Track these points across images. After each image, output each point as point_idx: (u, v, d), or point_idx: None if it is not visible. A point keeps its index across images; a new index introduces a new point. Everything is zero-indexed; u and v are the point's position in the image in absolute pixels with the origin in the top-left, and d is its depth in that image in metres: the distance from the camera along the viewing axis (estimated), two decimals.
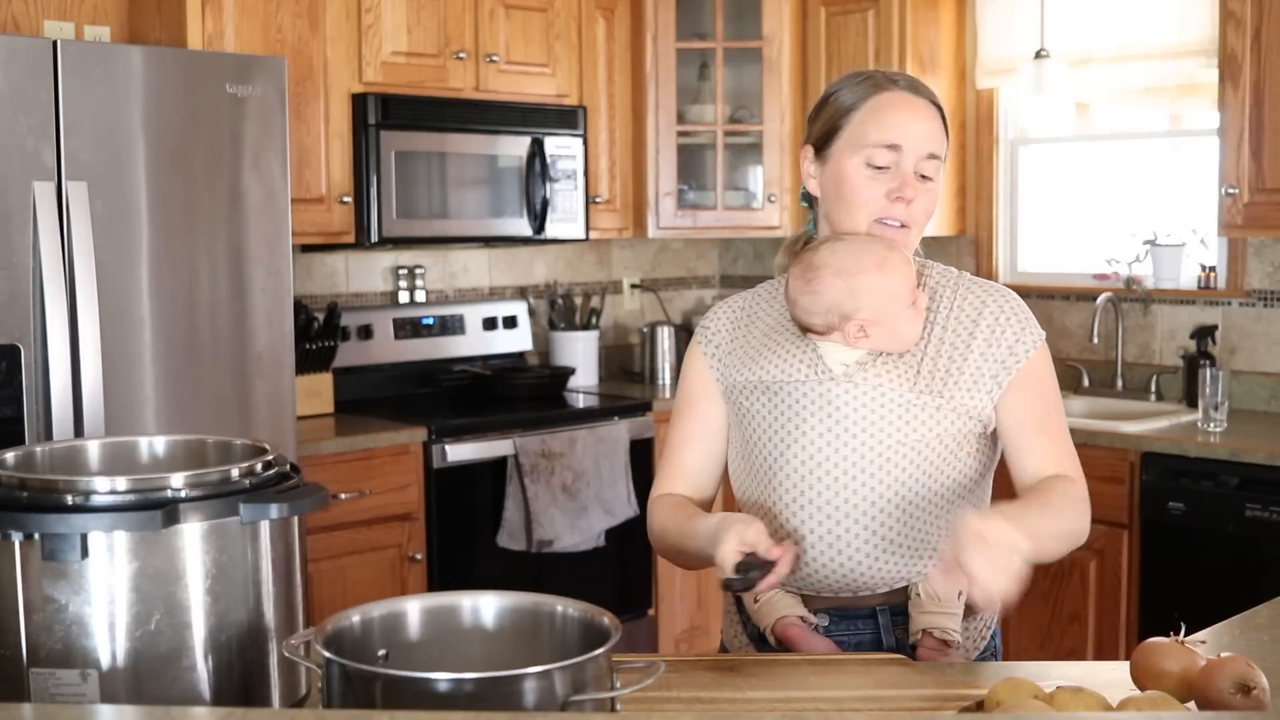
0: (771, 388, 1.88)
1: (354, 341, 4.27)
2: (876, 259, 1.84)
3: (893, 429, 1.83)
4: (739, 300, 2.04)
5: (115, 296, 3.08)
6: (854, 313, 1.83)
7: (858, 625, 1.89)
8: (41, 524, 1.38)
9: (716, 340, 1.99)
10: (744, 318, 2.00)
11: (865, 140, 1.88)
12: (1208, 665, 1.45)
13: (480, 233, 4.17)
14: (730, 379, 1.94)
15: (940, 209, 4.63)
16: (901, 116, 1.88)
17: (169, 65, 3.17)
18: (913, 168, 1.87)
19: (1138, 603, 3.69)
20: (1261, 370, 4.09)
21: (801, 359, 1.87)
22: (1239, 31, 3.70)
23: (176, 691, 1.42)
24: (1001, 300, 1.92)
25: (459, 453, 3.89)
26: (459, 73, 4.12)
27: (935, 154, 1.89)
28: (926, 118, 1.89)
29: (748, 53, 4.71)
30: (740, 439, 1.95)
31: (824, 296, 1.84)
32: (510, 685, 1.26)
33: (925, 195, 1.89)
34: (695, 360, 2.01)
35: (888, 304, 1.83)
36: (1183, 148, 4.39)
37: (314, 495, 1.50)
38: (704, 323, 2.03)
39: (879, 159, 1.87)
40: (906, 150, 1.86)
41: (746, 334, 1.97)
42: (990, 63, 4.60)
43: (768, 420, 1.89)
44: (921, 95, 1.91)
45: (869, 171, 1.87)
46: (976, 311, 1.91)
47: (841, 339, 1.85)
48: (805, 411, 1.86)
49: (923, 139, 1.87)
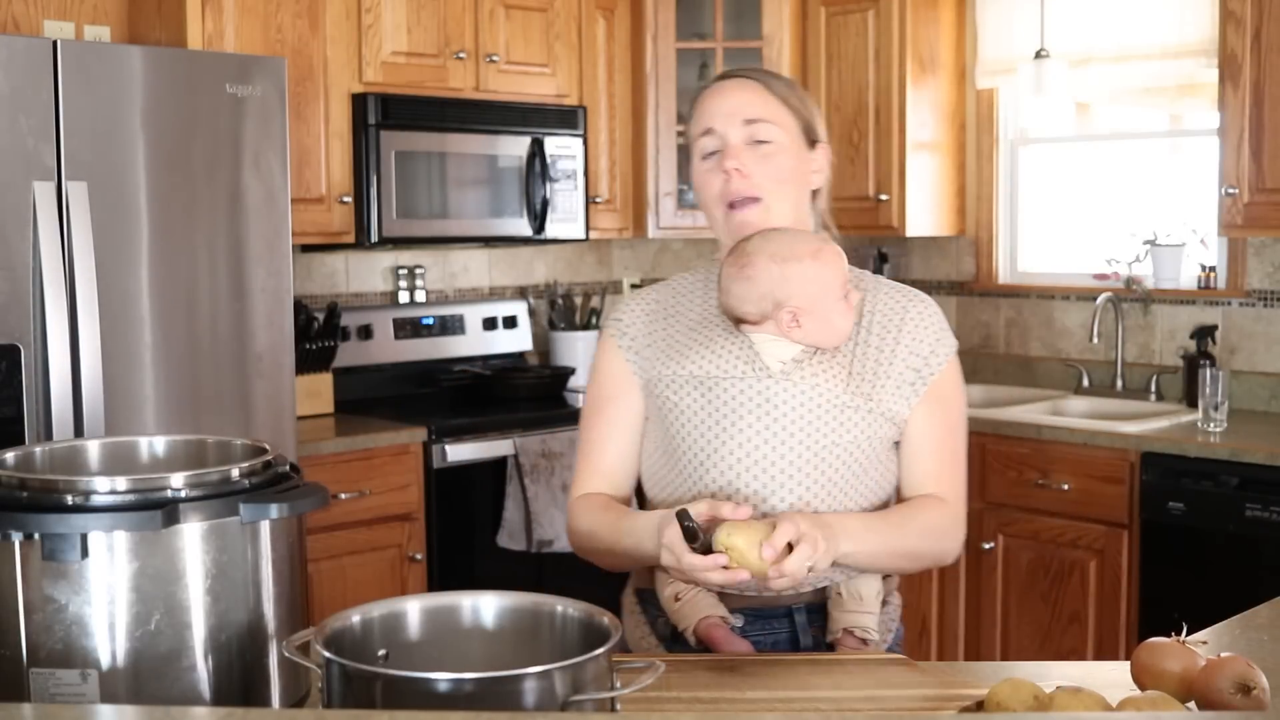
0: (705, 382, 1.85)
1: (354, 341, 4.28)
2: (811, 248, 1.86)
3: (827, 429, 1.83)
4: (652, 293, 2.01)
5: (115, 296, 3.08)
6: (787, 299, 1.83)
7: (773, 625, 1.89)
8: (41, 524, 1.38)
9: (632, 333, 1.96)
10: (661, 310, 1.97)
11: (693, 139, 1.94)
12: (1208, 665, 1.45)
13: (480, 233, 4.17)
14: (652, 372, 1.91)
15: (940, 209, 4.64)
16: (710, 102, 1.93)
17: (169, 65, 3.17)
18: (736, 139, 1.89)
19: (1138, 603, 3.69)
20: (1261, 370, 4.09)
21: (737, 354, 1.86)
22: (1239, 31, 3.70)
23: (176, 691, 1.42)
24: (922, 306, 1.94)
25: (459, 453, 3.89)
26: (459, 73, 4.12)
27: (756, 118, 1.90)
28: (736, 91, 1.92)
29: (748, 53, 4.71)
30: (662, 434, 1.90)
31: (758, 283, 1.83)
32: (510, 685, 1.26)
33: (764, 160, 1.89)
34: (609, 354, 1.97)
35: (821, 294, 1.84)
36: (1183, 148, 4.39)
37: (314, 495, 1.50)
38: (616, 315, 1.99)
39: (706, 148, 1.92)
40: (720, 128, 1.90)
41: (667, 327, 1.94)
42: (990, 63, 4.60)
43: (699, 415, 1.85)
44: (735, 76, 1.95)
45: (705, 164, 1.92)
46: (900, 315, 1.92)
47: (775, 328, 1.85)
48: (742, 408, 1.83)
49: (733, 110, 1.90)
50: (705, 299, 1.97)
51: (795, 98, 1.94)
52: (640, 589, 1.97)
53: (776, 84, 1.94)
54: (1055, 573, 3.84)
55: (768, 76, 1.95)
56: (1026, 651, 3.89)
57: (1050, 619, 3.87)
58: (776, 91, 1.92)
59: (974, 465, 4.00)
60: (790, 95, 1.94)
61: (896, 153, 4.50)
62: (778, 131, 1.90)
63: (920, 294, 1.97)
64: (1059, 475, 3.81)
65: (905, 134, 4.49)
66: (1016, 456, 3.91)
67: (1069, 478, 3.80)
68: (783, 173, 1.90)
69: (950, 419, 1.92)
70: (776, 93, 1.92)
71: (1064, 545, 3.82)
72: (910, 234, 4.54)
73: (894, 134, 4.50)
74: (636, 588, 1.99)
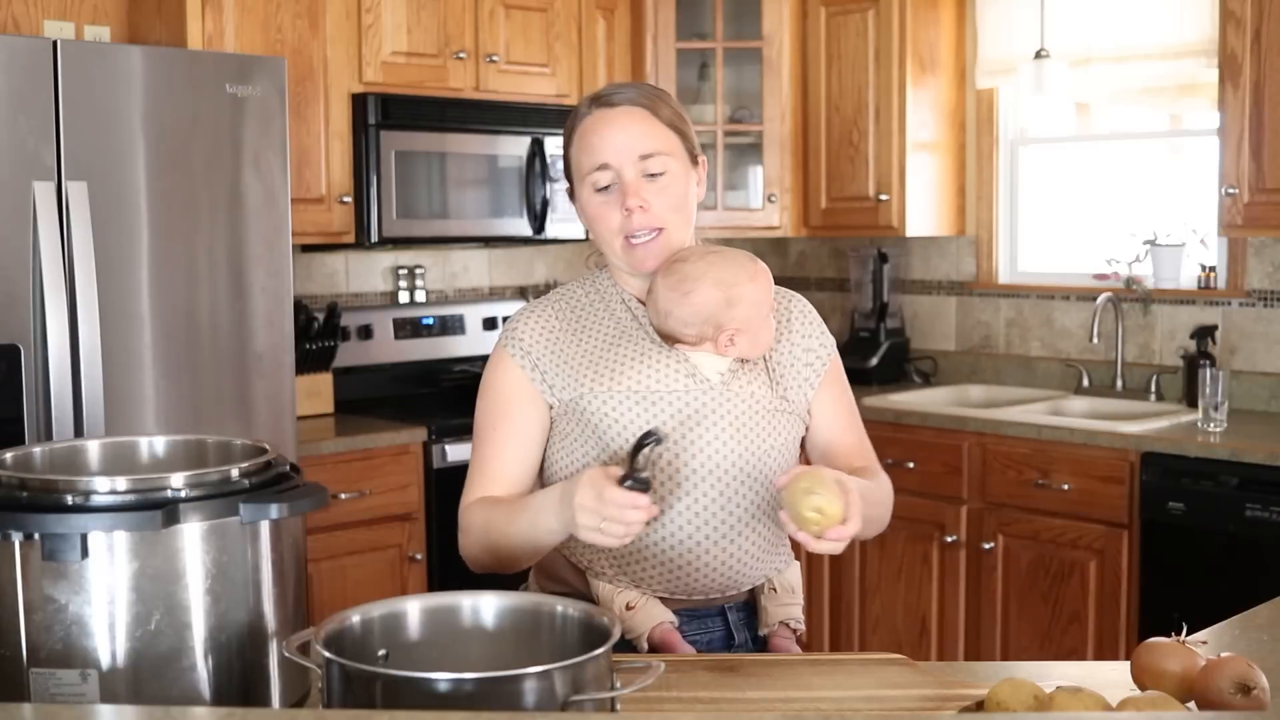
0: (648, 396, 1.86)
1: (354, 341, 4.28)
2: (749, 271, 1.90)
3: (763, 434, 1.91)
4: (547, 308, 1.97)
5: (115, 296, 3.08)
6: (728, 323, 1.87)
7: (708, 624, 1.93)
8: (41, 524, 1.38)
9: (535, 353, 1.91)
10: (564, 326, 1.94)
11: (582, 171, 1.92)
12: (1208, 665, 1.45)
13: (480, 233, 4.17)
14: (573, 391, 1.88)
15: (940, 209, 4.64)
16: (598, 135, 1.91)
17: (169, 65, 3.17)
18: (633, 175, 1.89)
19: (1138, 603, 3.69)
20: (1261, 370, 4.09)
21: (675, 368, 1.89)
22: (1239, 31, 3.70)
23: (176, 691, 1.42)
24: (800, 304, 2.04)
25: (459, 453, 3.89)
26: (459, 73, 4.12)
27: (650, 152, 1.89)
28: (625, 123, 1.90)
29: (748, 53, 4.71)
30: (596, 448, 1.89)
31: (701, 307, 1.86)
32: (510, 685, 1.27)
33: (661, 193, 1.90)
34: (507, 370, 1.93)
35: (755, 313, 1.89)
36: (1183, 148, 4.39)
37: (314, 495, 1.50)
38: (513, 334, 1.94)
39: (600, 182, 1.91)
40: (615, 163, 1.89)
41: (579, 343, 1.92)
42: (990, 63, 4.60)
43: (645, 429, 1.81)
44: (618, 104, 1.91)
45: (599, 197, 1.91)
46: (786, 314, 2.00)
47: (711, 347, 1.89)
48: (691, 420, 1.87)
49: (626, 145, 1.89)
50: (610, 313, 1.96)
51: (678, 118, 1.94)
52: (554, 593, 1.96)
53: (662, 107, 1.92)
54: (1055, 573, 3.84)
55: (651, 98, 1.92)
56: (1026, 651, 3.89)
57: (1050, 619, 3.86)
58: (663, 116, 1.92)
59: (974, 465, 4.01)
60: (675, 117, 1.94)
61: (896, 153, 4.51)
62: (671, 161, 1.91)
63: (795, 294, 2.05)
64: (1059, 475, 3.81)
65: (905, 134, 4.49)
66: (1016, 456, 3.91)
67: (1069, 478, 3.80)
68: (679, 200, 1.92)
69: (848, 398, 2.05)
70: (663, 118, 1.92)
71: (1064, 545, 3.82)
72: (910, 234, 4.54)
73: (894, 134, 4.50)
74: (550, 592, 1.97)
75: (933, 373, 4.85)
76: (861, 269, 4.88)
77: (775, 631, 1.93)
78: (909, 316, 4.93)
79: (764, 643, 1.95)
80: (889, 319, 4.83)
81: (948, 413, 4.14)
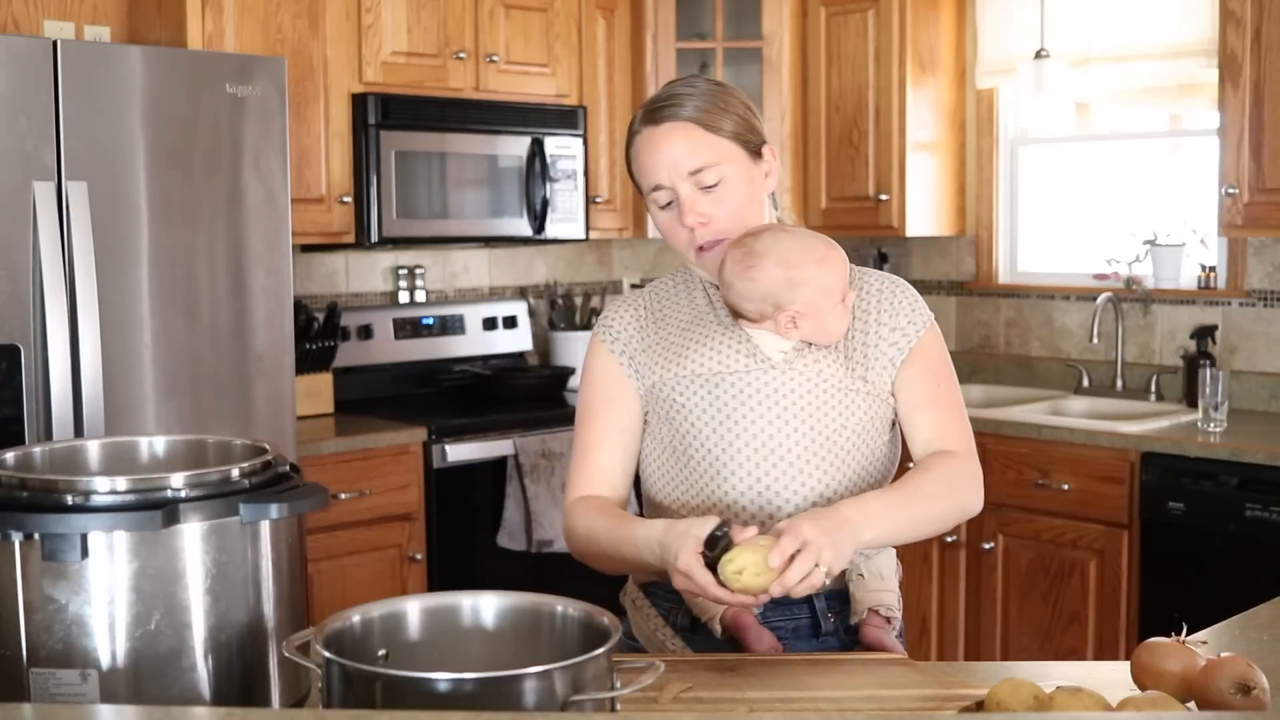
0: (710, 379, 1.87)
1: (354, 341, 4.27)
2: (817, 255, 1.86)
3: (833, 413, 1.86)
4: (637, 299, 2.01)
5: (115, 296, 3.08)
6: (788, 304, 1.85)
7: (793, 610, 1.88)
8: (41, 524, 1.38)
9: (624, 339, 1.96)
10: (650, 315, 1.98)
11: (644, 190, 1.93)
12: (1208, 665, 1.45)
13: (480, 233, 4.17)
14: (653, 376, 1.91)
15: (940, 209, 4.64)
16: (649, 157, 1.90)
17: (169, 65, 3.17)
18: (689, 191, 1.88)
19: (1138, 603, 3.69)
20: (1261, 370, 4.09)
21: (737, 348, 1.88)
22: (1239, 31, 3.70)
23: (176, 691, 1.42)
24: (892, 285, 1.97)
25: (459, 453, 3.89)
26: (459, 73, 4.12)
27: (699, 167, 1.87)
28: (671, 141, 1.88)
29: (748, 53, 4.71)
30: (669, 436, 1.91)
31: (761, 284, 1.84)
32: (510, 685, 1.26)
33: (719, 203, 1.89)
34: (602, 359, 1.97)
35: (821, 299, 1.86)
36: (1183, 148, 4.39)
37: (314, 495, 1.50)
38: (606, 322, 1.98)
39: (660, 200, 1.91)
40: (668, 182, 1.89)
41: (659, 330, 1.95)
42: (990, 63, 4.60)
43: (709, 412, 1.87)
44: (661, 121, 1.89)
45: (664, 214, 1.92)
46: (876, 297, 1.95)
47: (772, 327, 1.87)
48: (750, 400, 1.85)
49: (675, 163, 1.88)
50: (690, 300, 1.98)
51: (729, 118, 1.90)
52: (646, 584, 1.97)
53: (707, 114, 1.89)
54: (1055, 573, 3.84)
55: (696, 107, 1.88)
56: (1026, 651, 3.89)
57: (1050, 619, 3.87)
58: (709, 124, 1.88)
59: None
60: (724, 118, 1.89)
61: (896, 153, 4.51)
62: (727, 168, 1.89)
63: (890, 275, 2.00)
64: (1059, 475, 3.81)
65: (905, 134, 4.49)
66: (1016, 456, 3.91)
67: (1069, 478, 3.80)
68: (739, 204, 1.90)
69: (937, 372, 1.94)
70: (710, 125, 1.88)
71: (1064, 545, 3.82)
72: (910, 234, 4.54)
73: (894, 134, 4.50)
74: (642, 583, 1.98)
75: None
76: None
77: (866, 620, 1.86)
78: None
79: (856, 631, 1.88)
80: None
81: None
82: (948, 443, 1.90)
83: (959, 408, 1.94)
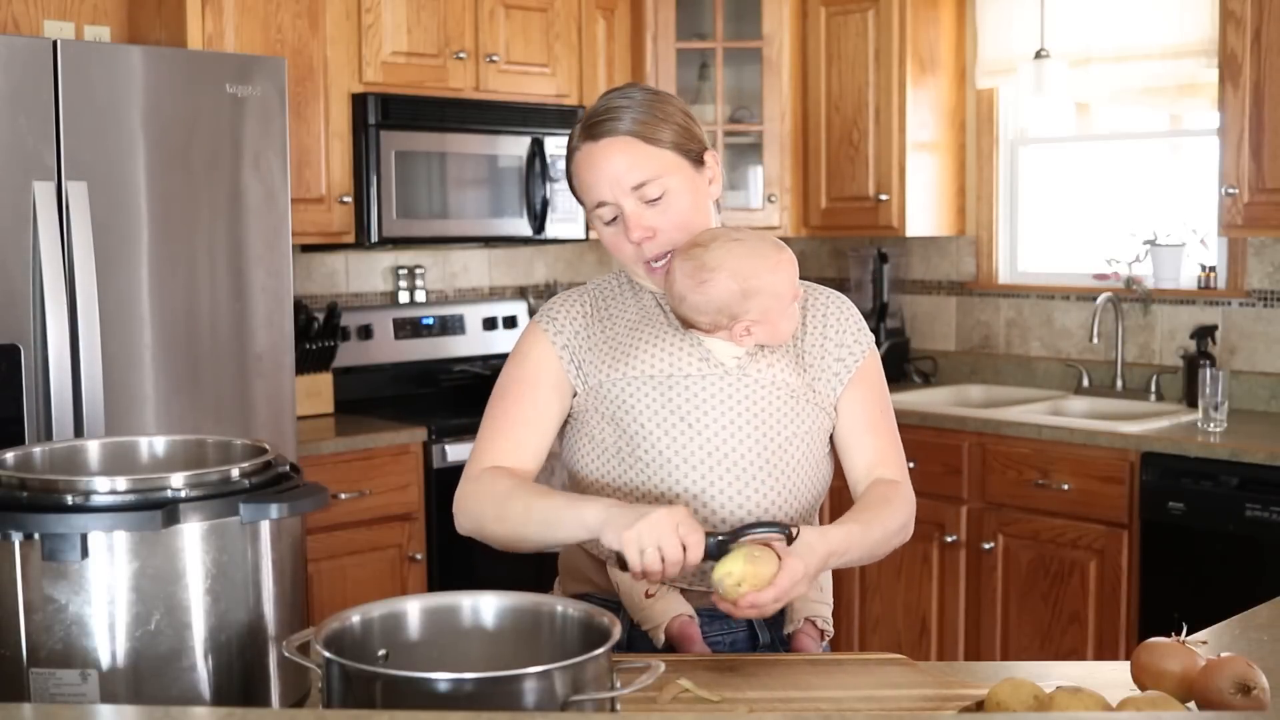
0: (663, 381, 1.85)
1: (354, 341, 4.27)
2: (769, 262, 1.86)
3: (785, 420, 1.86)
4: (582, 295, 1.98)
5: (115, 296, 3.08)
6: (743, 315, 1.84)
7: (730, 624, 1.88)
8: (41, 524, 1.38)
9: (567, 334, 1.92)
10: (594, 314, 1.95)
11: (587, 205, 1.92)
12: (1208, 665, 1.45)
13: (480, 233, 4.17)
14: (598, 375, 1.88)
15: (940, 209, 4.64)
16: (590, 173, 1.88)
17: (169, 65, 3.17)
18: (633, 206, 1.86)
19: (1138, 603, 3.69)
20: (1261, 370, 4.09)
21: (689, 352, 1.87)
22: (1239, 31, 3.70)
23: (176, 691, 1.42)
24: (840, 302, 1.98)
25: (459, 453, 3.89)
26: (459, 73, 4.12)
27: (641, 181, 1.86)
28: (610, 157, 1.86)
29: (748, 53, 4.71)
30: (613, 436, 1.88)
31: (716, 298, 1.83)
32: (510, 685, 1.27)
33: (663, 215, 1.87)
34: (541, 348, 1.92)
35: (775, 304, 1.85)
36: (1183, 148, 4.39)
37: (314, 495, 1.50)
38: (550, 314, 1.94)
39: (604, 217, 1.89)
40: (611, 198, 1.87)
41: (604, 329, 1.92)
42: (990, 63, 4.60)
43: (660, 414, 1.84)
44: (600, 137, 1.87)
45: (609, 229, 1.90)
46: (823, 311, 1.95)
47: (726, 335, 1.86)
48: (705, 405, 1.84)
49: (616, 179, 1.86)
50: (637, 300, 1.96)
51: (668, 128, 1.87)
52: (579, 594, 1.95)
53: (645, 125, 1.86)
54: (1055, 573, 3.84)
55: (634, 119, 1.86)
56: (1026, 651, 3.89)
57: (1050, 619, 3.86)
58: (649, 136, 1.86)
59: (974, 465, 4.01)
60: (663, 129, 1.87)
61: (896, 153, 4.51)
62: (667, 181, 1.87)
63: (840, 294, 2.01)
64: (1059, 475, 3.81)
65: (905, 134, 4.49)
66: (1016, 456, 3.91)
67: (1069, 478, 3.80)
68: (685, 215, 1.89)
69: (880, 399, 1.96)
70: (649, 137, 1.86)
71: (1064, 545, 3.82)
72: (910, 234, 4.54)
73: (894, 134, 4.50)
74: (573, 593, 1.96)
75: (933, 373, 4.85)
76: (861, 269, 4.88)
77: (800, 629, 1.87)
78: (909, 316, 4.93)
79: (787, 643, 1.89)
80: (889, 319, 4.83)
81: (948, 413, 4.14)
82: (889, 470, 1.93)
83: (897, 436, 1.97)
